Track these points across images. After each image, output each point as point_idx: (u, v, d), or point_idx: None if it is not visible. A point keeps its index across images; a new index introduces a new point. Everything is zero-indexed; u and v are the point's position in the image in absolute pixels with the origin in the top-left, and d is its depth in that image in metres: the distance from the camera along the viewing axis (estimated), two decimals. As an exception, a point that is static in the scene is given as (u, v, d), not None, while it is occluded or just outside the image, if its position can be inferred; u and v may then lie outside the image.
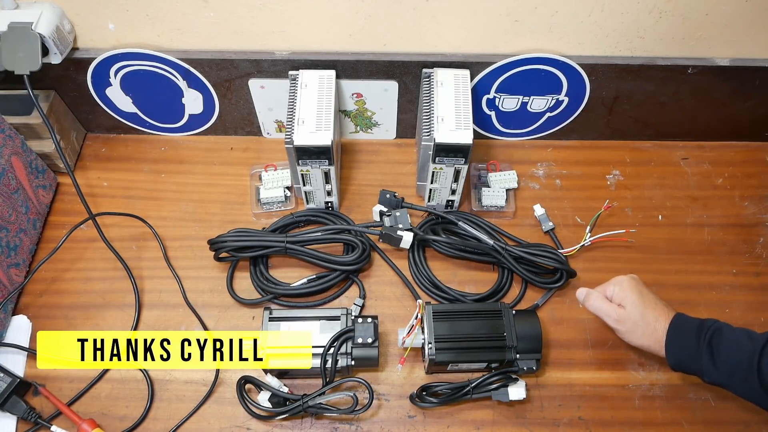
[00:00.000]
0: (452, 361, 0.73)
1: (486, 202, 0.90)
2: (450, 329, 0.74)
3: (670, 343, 0.67)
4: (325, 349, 0.73)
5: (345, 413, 0.72)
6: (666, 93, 0.89)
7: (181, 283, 0.83)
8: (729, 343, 0.63)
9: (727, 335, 0.64)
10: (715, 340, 0.64)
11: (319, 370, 0.73)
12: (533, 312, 0.77)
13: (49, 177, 0.90)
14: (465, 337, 0.73)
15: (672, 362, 0.67)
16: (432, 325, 0.74)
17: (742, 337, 0.63)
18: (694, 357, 0.65)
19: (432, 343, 0.73)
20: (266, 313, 0.76)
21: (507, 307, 0.76)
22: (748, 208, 0.91)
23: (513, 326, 0.74)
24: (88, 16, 0.81)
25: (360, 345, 0.73)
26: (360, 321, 0.74)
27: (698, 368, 0.65)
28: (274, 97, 0.89)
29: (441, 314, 0.75)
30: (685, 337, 0.66)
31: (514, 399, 0.73)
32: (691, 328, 0.66)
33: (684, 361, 0.66)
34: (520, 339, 0.73)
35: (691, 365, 0.66)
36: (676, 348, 0.67)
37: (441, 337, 0.73)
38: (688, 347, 0.66)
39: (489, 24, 0.80)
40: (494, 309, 0.75)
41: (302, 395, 0.72)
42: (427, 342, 0.73)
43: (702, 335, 0.65)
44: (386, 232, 0.83)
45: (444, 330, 0.73)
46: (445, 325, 0.74)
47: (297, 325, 0.75)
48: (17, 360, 0.78)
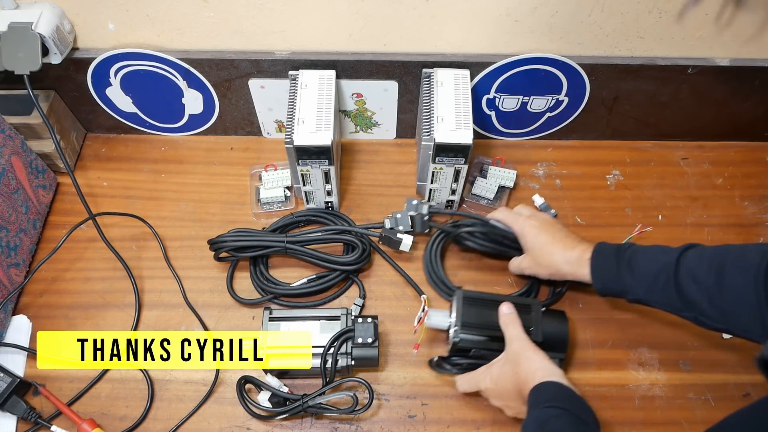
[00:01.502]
0: (475, 347, 0.73)
1: (476, 191, 0.90)
2: (477, 316, 0.73)
3: (594, 269, 0.70)
4: (325, 349, 0.73)
5: (345, 413, 0.72)
6: (666, 93, 0.89)
7: (181, 283, 0.83)
8: (647, 260, 0.67)
9: (645, 252, 0.68)
10: (634, 260, 0.68)
11: (319, 370, 0.73)
12: (562, 312, 0.77)
13: (49, 177, 0.90)
14: (491, 326, 0.73)
15: (598, 287, 0.70)
16: (461, 309, 0.74)
17: (658, 252, 0.67)
18: (616, 278, 0.68)
19: (458, 327, 0.73)
20: (266, 313, 0.76)
21: (537, 304, 0.75)
22: (748, 208, 0.91)
23: (540, 323, 0.73)
24: (88, 16, 0.81)
25: (360, 345, 0.73)
26: (360, 321, 0.74)
27: (621, 288, 0.69)
28: (274, 97, 0.89)
29: (471, 300, 0.75)
30: (606, 260, 0.69)
31: None
32: (610, 252, 0.70)
33: (608, 284, 0.69)
34: (546, 336, 0.73)
35: (614, 287, 0.69)
36: (599, 272, 0.70)
37: (467, 323, 0.73)
38: (609, 270, 0.69)
39: (489, 24, 0.80)
40: (525, 303, 0.75)
41: (302, 395, 0.72)
42: (453, 325, 0.73)
43: (621, 256, 0.68)
44: (386, 234, 0.83)
45: (471, 316, 0.73)
46: (473, 312, 0.74)
47: (297, 325, 0.75)
48: (17, 360, 0.78)
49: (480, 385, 0.71)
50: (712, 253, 0.64)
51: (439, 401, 0.76)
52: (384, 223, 0.84)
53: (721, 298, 0.62)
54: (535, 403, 0.62)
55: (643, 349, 0.79)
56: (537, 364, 0.66)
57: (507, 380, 0.68)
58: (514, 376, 0.67)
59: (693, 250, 0.66)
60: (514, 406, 0.69)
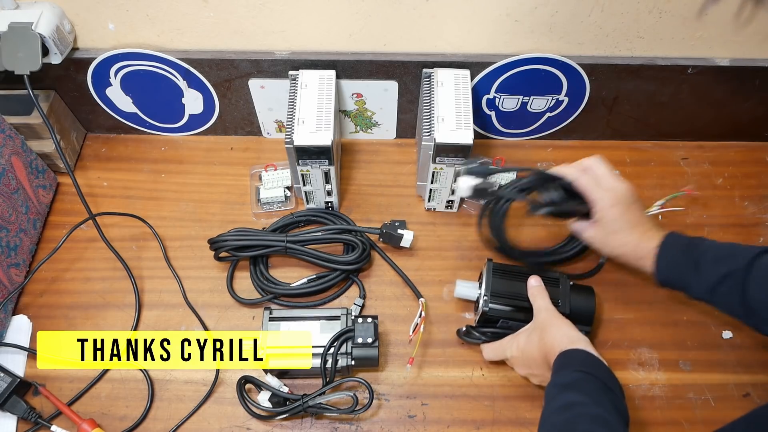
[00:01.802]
0: (503, 317, 0.74)
1: None
2: (506, 287, 0.75)
3: (661, 259, 0.68)
4: (325, 349, 0.73)
5: (345, 413, 0.72)
6: (666, 93, 0.89)
7: (181, 283, 0.83)
8: (716, 261, 0.65)
9: (715, 252, 0.66)
10: (703, 259, 0.66)
11: (319, 370, 0.73)
12: (590, 287, 0.77)
13: (49, 177, 0.90)
14: (519, 296, 0.74)
15: (660, 278, 0.69)
16: (490, 280, 0.75)
17: (728, 254, 0.65)
18: (681, 274, 0.67)
19: (487, 296, 0.74)
20: (266, 313, 0.76)
21: (565, 278, 0.76)
22: (748, 208, 0.91)
23: (568, 296, 0.74)
24: (88, 16, 0.81)
25: (360, 345, 0.73)
26: (360, 321, 0.74)
27: (684, 285, 0.67)
28: (274, 97, 0.89)
29: (500, 271, 0.76)
30: (674, 255, 0.68)
31: None
32: (679, 246, 0.68)
33: (671, 279, 0.68)
34: (573, 309, 0.74)
35: (677, 283, 0.68)
36: (665, 266, 0.68)
37: (496, 292, 0.74)
38: (676, 265, 0.67)
39: (489, 24, 0.80)
40: (553, 277, 0.76)
41: (302, 395, 0.72)
42: (482, 295, 0.75)
43: (690, 253, 0.67)
44: (386, 231, 0.83)
45: (500, 286, 0.75)
46: (501, 282, 0.75)
47: (297, 325, 0.75)
48: (17, 360, 0.78)
49: (506, 353, 0.72)
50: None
51: (439, 401, 0.76)
52: None
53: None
54: (560, 367, 0.62)
55: (643, 349, 0.79)
56: (563, 330, 0.67)
57: (533, 348, 0.68)
58: (540, 343, 0.67)
59: (765, 257, 0.63)
60: (539, 374, 0.70)
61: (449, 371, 0.78)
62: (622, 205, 0.70)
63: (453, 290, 0.79)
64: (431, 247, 0.87)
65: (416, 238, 0.86)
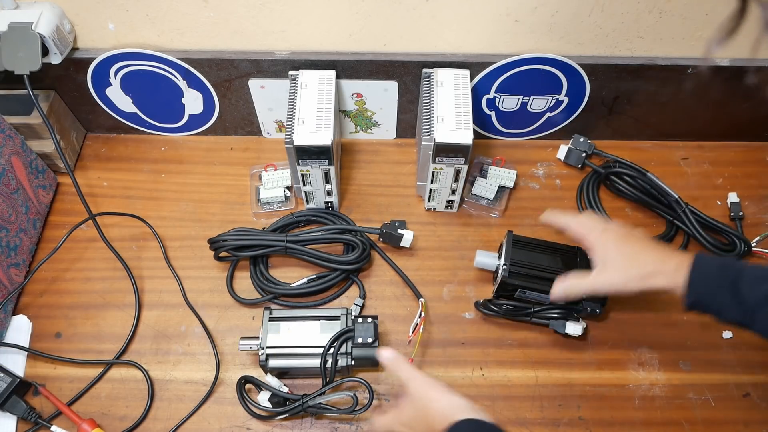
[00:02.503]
0: (521, 286, 0.77)
1: (476, 191, 0.90)
2: (525, 257, 0.77)
3: (693, 283, 0.64)
4: (325, 349, 0.73)
5: (345, 413, 0.72)
6: (666, 93, 0.89)
7: (181, 283, 0.83)
8: (754, 283, 0.61)
9: (751, 274, 0.62)
10: (740, 281, 0.62)
11: (319, 370, 0.73)
12: None
13: (49, 177, 0.90)
14: (537, 267, 0.76)
15: (690, 300, 0.64)
16: (510, 250, 0.77)
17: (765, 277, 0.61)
18: (714, 297, 0.63)
19: (507, 265, 0.76)
20: (266, 313, 0.76)
21: (583, 252, 0.76)
22: (748, 208, 0.91)
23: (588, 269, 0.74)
24: (88, 16, 0.81)
25: (360, 345, 0.73)
26: (360, 321, 0.74)
27: (718, 308, 0.63)
28: (274, 97, 0.89)
29: (519, 243, 0.78)
30: (707, 276, 0.64)
31: (569, 333, 0.77)
32: (712, 267, 0.64)
33: (703, 301, 0.64)
34: None
35: (711, 305, 0.64)
36: (697, 287, 0.64)
37: (516, 261, 0.76)
38: (709, 286, 0.63)
39: (489, 24, 0.80)
40: (570, 251, 0.78)
41: (302, 395, 0.72)
42: (502, 265, 0.77)
43: (724, 275, 0.63)
44: (386, 231, 0.83)
45: (519, 256, 0.77)
46: (521, 253, 0.77)
47: (297, 325, 0.75)
48: (17, 360, 0.78)
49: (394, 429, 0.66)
50: None
51: (439, 401, 0.76)
52: None
53: None
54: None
55: (643, 349, 0.79)
56: (444, 402, 0.61)
57: (419, 423, 0.62)
58: (424, 419, 0.61)
59: None
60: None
61: (449, 371, 0.78)
62: (625, 235, 0.70)
63: (452, 290, 0.79)
64: (431, 247, 0.87)
65: (416, 238, 0.86)
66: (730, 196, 0.91)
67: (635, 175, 0.89)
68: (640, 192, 0.89)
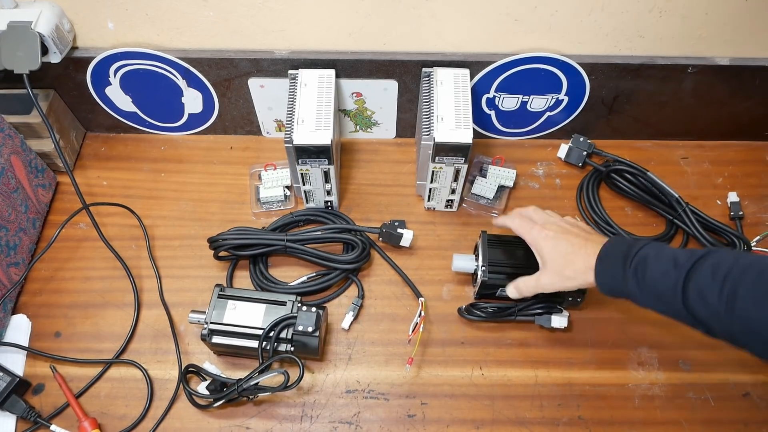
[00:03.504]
0: (502, 285, 0.77)
1: (476, 190, 0.90)
2: (502, 255, 0.78)
3: (599, 275, 0.66)
4: (265, 332, 0.72)
5: (279, 390, 0.70)
6: (666, 92, 0.89)
7: (180, 283, 0.83)
8: (655, 271, 0.62)
9: (654, 261, 0.63)
10: (641, 269, 0.63)
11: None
12: None
13: (49, 176, 0.90)
14: (515, 264, 0.77)
15: (604, 291, 0.66)
16: (486, 251, 0.78)
17: (669, 262, 0.62)
18: (622, 285, 0.65)
19: (485, 266, 0.77)
20: (217, 289, 0.76)
21: None
22: (748, 208, 0.91)
23: None
24: (88, 15, 0.80)
25: (300, 333, 0.73)
26: (304, 309, 0.74)
27: (627, 295, 0.65)
28: (274, 96, 0.89)
29: (495, 241, 0.79)
30: (612, 267, 0.65)
31: (555, 326, 0.77)
32: (617, 257, 0.65)
33: (615, 291, 0.66)
34: None
35: (621, 293, 0.65)
36: (604, 278, 0.66)
37: (494, 261, 0.77)
38: (615, 277, 0.65)
39: (489, 23, 0.80)
40: None
41: (237, 380, 0.71)
42: (480, 266, 0.77)
43: (628, 263, 0.64)
44: (386, 230, 0.83)
45: (496, 255, 0.78)
46: (497, 251, 0.78)
47: (243, 305, 0.75)
48: (17, 359, 0.78)
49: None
50: (727, 270, 0.57)
51: (438, 401, 0.76)
52: None
53: (732, 326, 0.57)
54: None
55: (643, 349, 0.79)
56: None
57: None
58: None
59: (708, 261, 0.58)
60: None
61: (449, 371, 0.78)
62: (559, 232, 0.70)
63: (452, 289, 0.79)
64: (431, 247, 0.87)
65: (416, 238, 0.86)
66: (730, 196, 0.91)
67: (636, 174, 0.89)
68: (641, 191, 0.89)
